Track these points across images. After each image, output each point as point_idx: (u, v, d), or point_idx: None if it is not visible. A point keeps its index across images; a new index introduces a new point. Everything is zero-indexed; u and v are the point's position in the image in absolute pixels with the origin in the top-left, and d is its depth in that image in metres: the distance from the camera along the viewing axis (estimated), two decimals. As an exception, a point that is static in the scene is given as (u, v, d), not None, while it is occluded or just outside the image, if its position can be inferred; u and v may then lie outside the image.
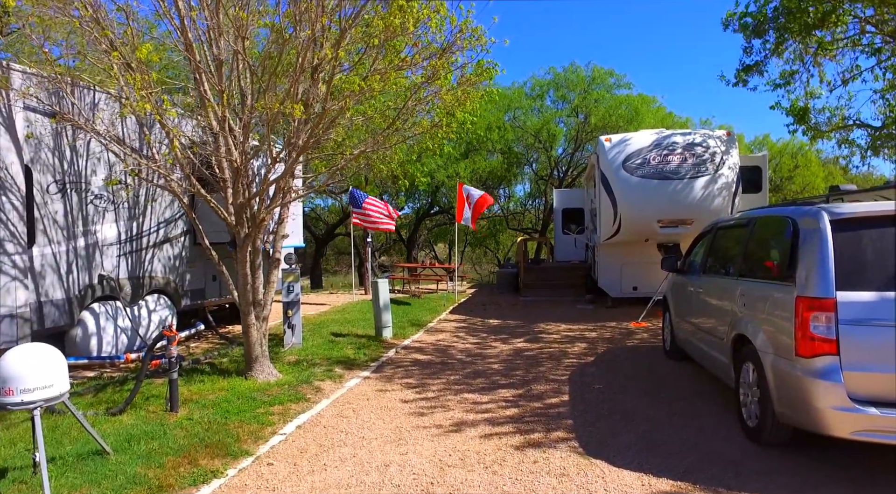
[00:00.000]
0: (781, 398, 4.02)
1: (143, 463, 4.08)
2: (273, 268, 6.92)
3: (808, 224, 4.07)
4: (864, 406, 3.56)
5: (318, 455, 4.40)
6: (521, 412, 5.39)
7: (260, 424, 5.00)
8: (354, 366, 7.27)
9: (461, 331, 10.09)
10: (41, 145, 6.54)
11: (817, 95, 10.54)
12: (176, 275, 8.74)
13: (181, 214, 8.78)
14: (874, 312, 3.63)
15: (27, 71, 6.23)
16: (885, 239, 3.80)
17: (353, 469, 4.11)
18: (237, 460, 4.28)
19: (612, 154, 10.95)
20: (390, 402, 5.76)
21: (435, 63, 5.57)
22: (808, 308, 3.77)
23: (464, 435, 4.78)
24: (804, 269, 3.93)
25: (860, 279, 3.74)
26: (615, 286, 12.61)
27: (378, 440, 4.69)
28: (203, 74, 5.67)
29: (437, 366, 7.35)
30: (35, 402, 3.58)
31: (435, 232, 31.66)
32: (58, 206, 6.76)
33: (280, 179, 6.15)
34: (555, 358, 7.67)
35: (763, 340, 4.30)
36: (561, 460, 4.22)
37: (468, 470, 4.07)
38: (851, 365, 3.62)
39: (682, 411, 5.25)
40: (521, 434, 4.77)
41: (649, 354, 7.80)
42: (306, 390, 6.10)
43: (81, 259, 7.09)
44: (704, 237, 6.56)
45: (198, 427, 4.82)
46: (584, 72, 21.85)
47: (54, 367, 3.71)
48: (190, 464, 4.12)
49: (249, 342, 6.50)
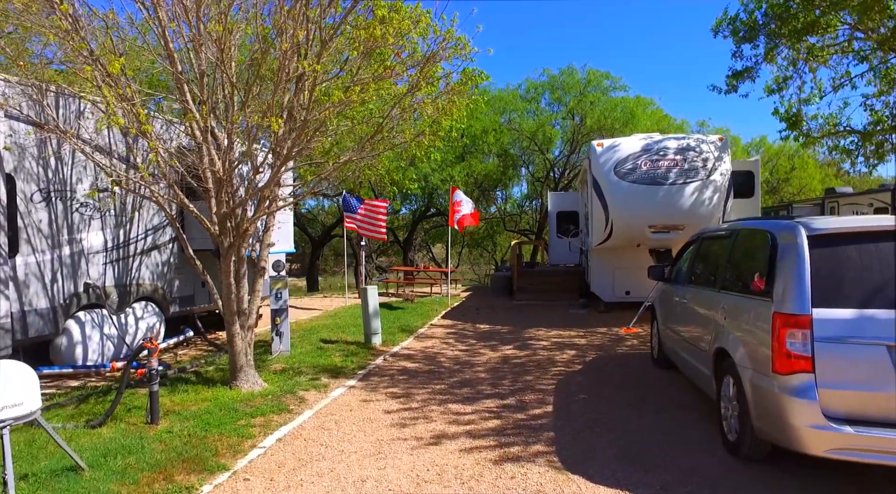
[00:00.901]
0: (759, 413, 4.00)
1: (118, 480, 4.05)
2: (258, 277, 6.89)
3: (785, 239, 4.05)
4: (839, 424, 3.54)
5: (296, 469, 4.37)
6: (503, 423, 5.37)
7: (240, 436, 4.98)
8: (341, 374, 7.25)
9: (451, 337, 10.07)
10: (25, 154, 6.52)
11: (811, 102, 10.52)
12: (164, 282, 8.72)
13: (168, 221, 8.76)
14: (851, 329, 3.61)
15: (9, 80, 6.21)
16: (862, 255, 3.78)
17: (329, 485, 4.09)
18: (213, 475, 4.25)
19: (603, 159, 10.93)
20: (373, 413, 5.74)
21: (417, 75, 5.55)
22: (785, 325, 3.75)
23: (443, 449, 4.75)
24: (781, 284, 3.91)
25: (837, 296, 3.72)
26: (607, 291, 12.60)
27: (357, 453, 4.67)
28: (186, 84, 5.64)
29: (424, 375, 7.32)
30: (4, 421, 3.55)
31: (432, 233, 31.63)
32: (42, 214, 6.74)
33: (265, 189, 6.13)
34: (542, 367, 7.64)
35: (742, 354, 4.28)
36: (539, 476, 4.20)
37: (444, 486, 4.05)
38: (827, 383, 3.60)
39: (664, 424, 5.23)
40: (501, 448, 4.75)
41: (637, 362, 7.78)
42: (290, 400, 6.08)
43: (66, 268, 7.07)
44: (691, 247, 6.54)
45: (176, 441, 4.80)
46: (579, 74, 21.88)
47: (25, 385, 3.68)
48: (165, 480, 4.09)
49: (234, 352, 6.47)
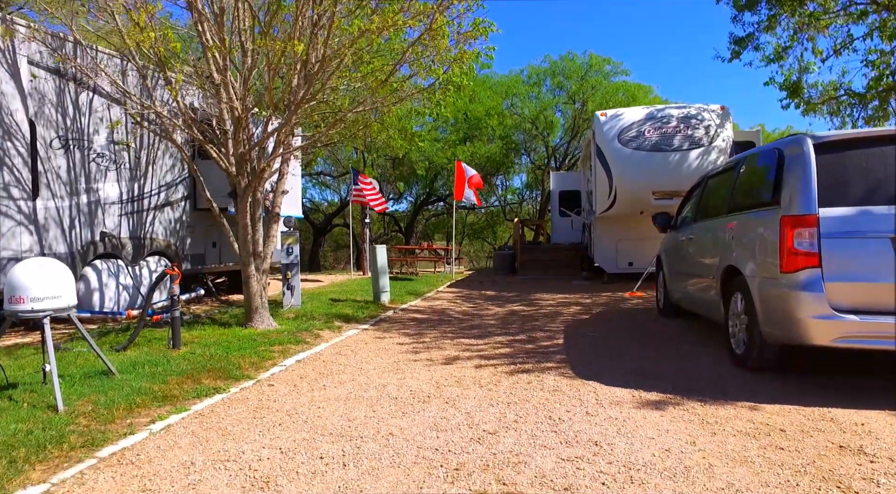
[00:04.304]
0: (767, 316, 4.15)
1: (148, 380, 4.20)
2: (273, 222, 7.03)
3: (792, 150, 4.20)
4: (845, 315, 3.69)
5: (318, 379, 4.52)
6: (514, 351, 5.52)
7: (261, 358, 5.13)
8: (353, 321, 7.40)
9: (458, 299, 10.22)
10: (45, 100, 6.65)
11: (811, 70, 10.69)
12: (177, 239, 8.85)
13: (182, 178, 8.90)
14: (855, 225, 3.77)
15: (31, 25, 6.35)
16: (866, 158, 3.94)
17: (351, 388, 4.23)
18: (239, 382, 4.40)
19: (606, 127, 11.09)
20: (387, 345, 5.88)
21: (434, 7, 5.69)
22: (793, 226, 3.91)
23: (458, 366, 4.90)
24: (788, 190, 4.06)
25: (843, 196, 3.88)
26: (611, 263, 12.75)
27: (376, 370, 4.82)
28: (205, 22, 5.78)
29: (434, 322, 7.47)
30: (44, 311, 3.70)
31: (433, 222, 31.77)
32: (61, 161, 6.88)
33: (280, 131, 6.27)
34: (550, 317, 7.79)
35: (751, 266, 4.43)
36: (554, 381, 4.35)
37: (464, 388, 4.20)
38: (833, 276, 3.75)
39: (672, 352, 5.37)
40: (515, 365, 4.90)
41: (643, 314, 7.93)
42: (306, 336, 6.22)
43: (84, 215, 7.21)
44: (695, 191, 6.70)
45: (200, 358, 4.94)
46: (580, 59, 22.04)
47: (63, 280, 3.83)
48: (193, 382, 4.24)
49: (249, 293, 6.61)
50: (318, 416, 3.58)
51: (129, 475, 2.73)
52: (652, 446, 3.00)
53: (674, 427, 3.28)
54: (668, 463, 2.78)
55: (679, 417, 3.46)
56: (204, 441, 3.17)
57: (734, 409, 3.59)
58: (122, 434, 3.25)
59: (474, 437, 3.18)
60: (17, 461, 2.78)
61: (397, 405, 3.81)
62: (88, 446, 3.05)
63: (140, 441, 3.16)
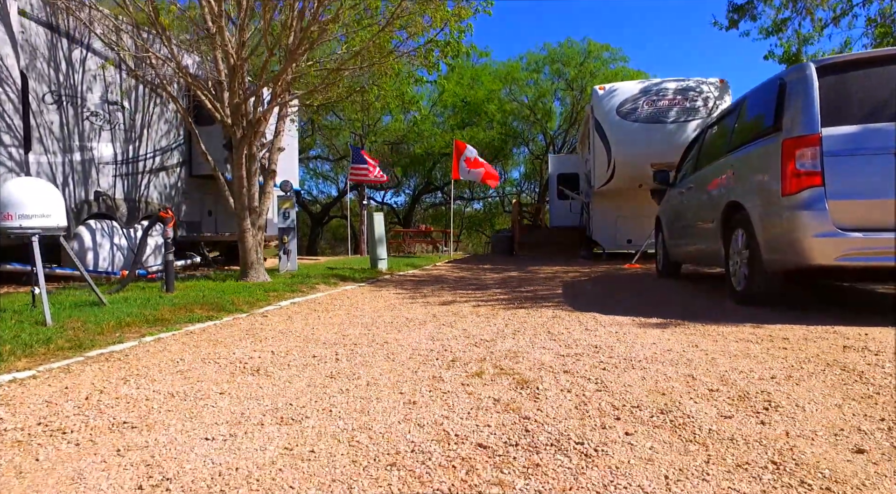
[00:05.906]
0: (769, 243, 4.08)
1: (139, 308, 4.13)
2: (269, 178, 6.96)
3: (794, 76, 4.14)
4: (849, 232, 3.63)
5: (312, 313, 4.45)
6: (513, 297, 5.46)
7: (255, 298, 5.06)
8: (350, 281, 7.33)
9: (456, 270, 10.14)
10: (37, 54, 6.58)
11: (810, 40, 10.63)
12: (172, 204, 8.76)
13: (178, 144, 8.82)
14: (859, 142, 3.71)
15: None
16: (868, 77, 3.88)
17: (346, 318, 4.17)
18: (232, 314, 4.33)
19: (605, 101, 11.03)
20: (385, 294, 5.81)
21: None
22: (795, 147, 3.84)
23: (457, 305, 4.84)
24: (790, 114, 4.00)
25: (846, 115, 3.81)
26: (610, 240, 12.68)
27: (371, 309, 4.75)
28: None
29: (432, 282, 7.40)
30: (33, 229, 3.62)
31: (430, 213, 31.71)
32: (53, 116, 6.80)
33: (276, 80, 6.20)
34: (548, 279, 7.73)
35: (752, 197, 4.36)
36: (552, 312, 4.29)
37: (461, 318, 4.13)
38: (836, 194, 3.69)
39: (670, 299, 5.32)
40: (514, 305, 4.84)
41: (642, 277, 7.87)
42: (302, 287, 6.15)
43: (77, 174, 7.13)
44: (694, 145, 6.64)
45: (194, 298, 4.87)
46: (579, 46, 21.98)
47: (53, 200, 3.76)
48: (186, 311, 4.17)
49: (245, 248, 6.54)
50: (311, 333, 3.51)
51: (117, 367, 2.66)
52: (653, 348, 2.94)
53: (675, 338, 3.21)
54: (670, 357, 2.72)
55: (680, 332, 3.39)
56: (194, 347, 3.10)
57: (736, 327, 3.52)
58: (111, 342, 3.18)
59: (471, 343, 3.12)
60: (1, 354, 2.71)
61: (393, 326, 3.74)
62: (76, 348, 2.98)
63: (129, 347, 3.09)
